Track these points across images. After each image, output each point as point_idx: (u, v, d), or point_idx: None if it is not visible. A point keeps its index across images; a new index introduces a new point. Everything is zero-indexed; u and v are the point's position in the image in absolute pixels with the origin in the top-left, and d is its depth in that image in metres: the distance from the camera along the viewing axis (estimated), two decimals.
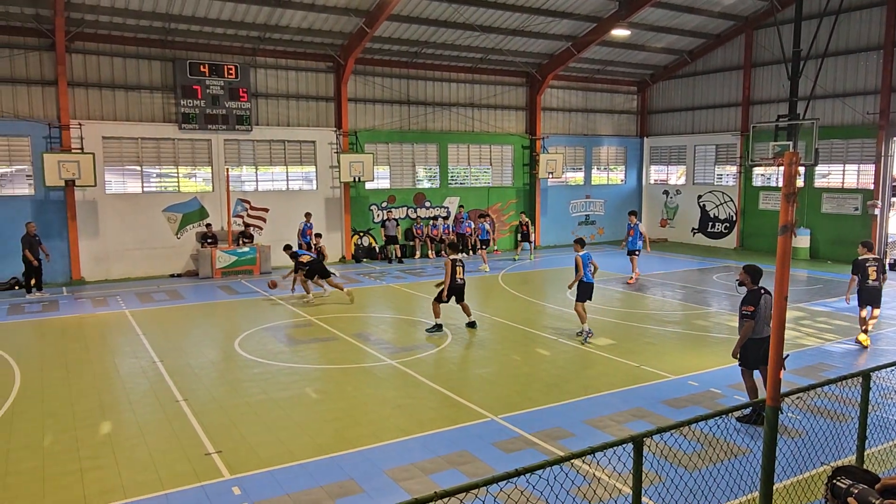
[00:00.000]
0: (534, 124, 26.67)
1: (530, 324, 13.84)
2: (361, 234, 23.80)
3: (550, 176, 26.54)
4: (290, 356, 11.59)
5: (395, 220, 23.74)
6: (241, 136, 21.28)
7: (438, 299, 13.03)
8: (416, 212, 24.76)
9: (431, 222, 24.64)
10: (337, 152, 22.64)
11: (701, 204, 27.80)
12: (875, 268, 11.88)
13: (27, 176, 18.72)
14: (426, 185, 25.34)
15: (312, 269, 15.93)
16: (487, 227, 22.39)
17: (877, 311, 12.18)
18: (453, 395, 9.52)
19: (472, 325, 13.38)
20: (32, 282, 17.26)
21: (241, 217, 21.53)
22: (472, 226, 24.35)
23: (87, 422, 8.62)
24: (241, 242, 20.66)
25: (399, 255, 23.50)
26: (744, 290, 8.55)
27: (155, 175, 20.78)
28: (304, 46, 21.69)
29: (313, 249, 19.26)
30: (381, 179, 24.09)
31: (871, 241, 12.93)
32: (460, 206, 25.43)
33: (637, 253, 18.53)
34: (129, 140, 19.83)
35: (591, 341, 12.26)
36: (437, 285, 13.40)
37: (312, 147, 22.63)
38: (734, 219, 26.45)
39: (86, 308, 15.78)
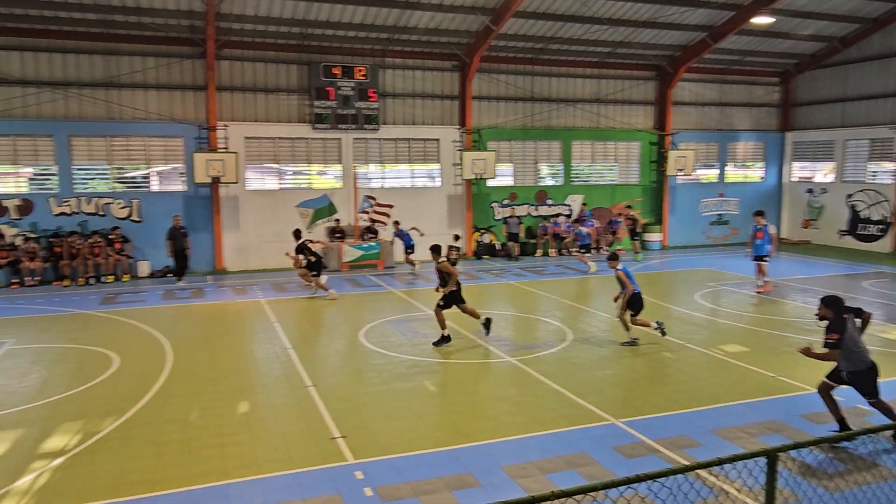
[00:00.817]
0: (663, 119, 25.63)
1: None
2: (483, 231, 23.98)
3: (680, 173, 25.41)
4: (410, 349, 11.89)
5: (518, 217, 23.68)
6: (369, 134, 22.08)
7: (444, 305, 12.18)
8: (537, 209, 24.60)
9: (552, 219, 24.38)
10: (460, 150, 22.93)
11: (850, 204, 25.52)
12: None
13: (180, 174, 20.50)
14: (549, 182, 25.08)
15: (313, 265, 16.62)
16: (583, 230, 21.51)
17: None
18: (573, 395, 9.37)
19: (486, 324, 12.46)
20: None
21: (367, 213, 22.37)
22: (596, 224, 23.73)
23: (227, 401, 9.32)
24: (365, 237, 21.47)
25: (517, 252, 23.40)
26: (825, 323, 7.83)
27: (290, 172, 22.05)
28: (431, 46, 22.13)
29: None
30: (503, 177, 24.13)
31: None
32: (583, 204, 24.95)
33: (766, 259, 16.84)
34: (267, 140, 21.19)
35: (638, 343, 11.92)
36: (437, 290, 12.54)
37: (436, 145, 23.07)
38: (889, 220, 24.06)
39: (227, 296, 17.04)
